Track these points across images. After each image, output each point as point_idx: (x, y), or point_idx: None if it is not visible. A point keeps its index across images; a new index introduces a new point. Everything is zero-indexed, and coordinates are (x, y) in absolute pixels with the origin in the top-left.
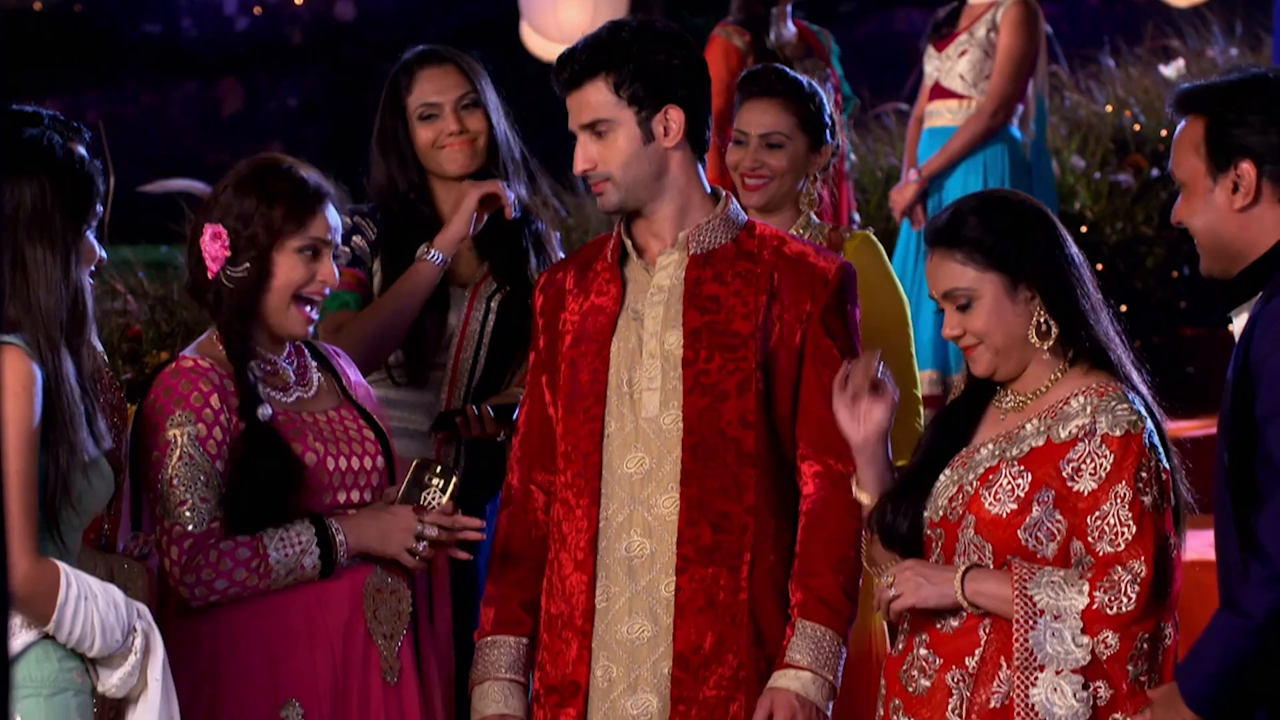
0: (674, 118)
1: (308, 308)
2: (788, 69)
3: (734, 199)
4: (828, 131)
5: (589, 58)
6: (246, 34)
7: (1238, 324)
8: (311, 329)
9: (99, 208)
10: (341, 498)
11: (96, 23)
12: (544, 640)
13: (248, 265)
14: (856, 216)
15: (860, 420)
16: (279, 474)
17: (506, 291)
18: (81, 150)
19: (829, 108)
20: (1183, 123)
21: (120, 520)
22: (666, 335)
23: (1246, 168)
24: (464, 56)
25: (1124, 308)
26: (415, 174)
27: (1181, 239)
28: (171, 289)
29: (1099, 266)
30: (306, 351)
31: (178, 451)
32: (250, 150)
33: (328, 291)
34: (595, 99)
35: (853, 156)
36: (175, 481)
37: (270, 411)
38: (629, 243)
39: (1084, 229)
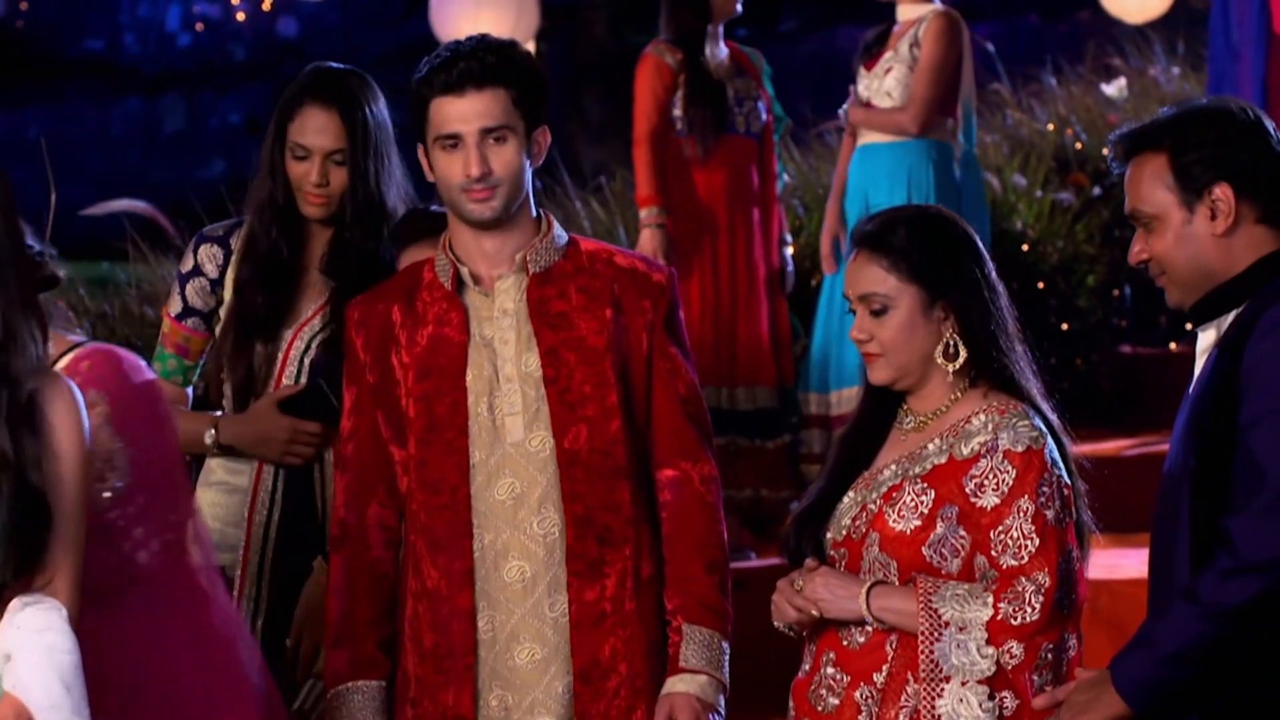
0: (546, 141)
1: None
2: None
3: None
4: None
5: (496, 63)
6: (189, 50)
7: (1203, 340)
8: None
9: None
10: None
11: (39, 39)
12: (417, 676)
13: None
14: (789, 238)
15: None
16: None
17: (332, 331)
18: None
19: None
20: (1131, 164)
21: None
22: (523, 358)
23: (1222, 191)
24: (352, 100)
25: (1064, 326)
26: (290, 196)
27: (1124, 258)
28: (114, 305)
29: (1040, 285)
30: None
31: None
32: (193, 166)
33: None
34: (497, 106)
35: (785, 177)
36: None
37: None
38: (464, 270)
39: (1025, 247)
